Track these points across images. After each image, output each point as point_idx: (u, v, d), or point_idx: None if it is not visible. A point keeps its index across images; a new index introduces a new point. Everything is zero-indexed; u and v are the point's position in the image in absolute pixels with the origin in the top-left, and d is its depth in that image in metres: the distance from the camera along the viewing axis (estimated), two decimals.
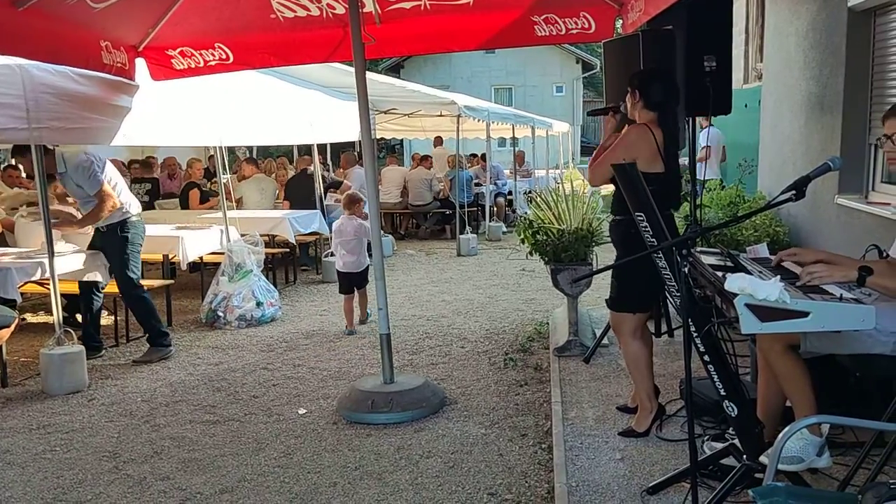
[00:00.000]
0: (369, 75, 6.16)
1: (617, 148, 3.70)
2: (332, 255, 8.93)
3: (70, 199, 6.94)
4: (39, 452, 4.10)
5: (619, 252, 3.91)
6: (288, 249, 8.83)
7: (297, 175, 10.04)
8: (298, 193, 9.66)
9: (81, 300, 5.97)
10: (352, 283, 6.59)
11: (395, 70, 28.55)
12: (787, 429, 2.20)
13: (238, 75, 6.51)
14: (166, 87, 6.01)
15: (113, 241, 5.78)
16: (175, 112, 6.38)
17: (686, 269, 2.66)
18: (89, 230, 5.98)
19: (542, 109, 23.87)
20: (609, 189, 4.07)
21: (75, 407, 4.80)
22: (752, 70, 9.19)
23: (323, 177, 9.96)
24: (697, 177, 4.98)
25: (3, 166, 9.63)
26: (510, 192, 14.45)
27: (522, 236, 5.46)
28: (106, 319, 6.77)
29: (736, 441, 2.93)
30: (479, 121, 12.03)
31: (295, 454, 3.97)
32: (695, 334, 2.73)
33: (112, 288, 6.27)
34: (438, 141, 16.12)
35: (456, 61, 29.76)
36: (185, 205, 9.51)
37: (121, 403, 4.84)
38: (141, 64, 5.81)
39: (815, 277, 2.56)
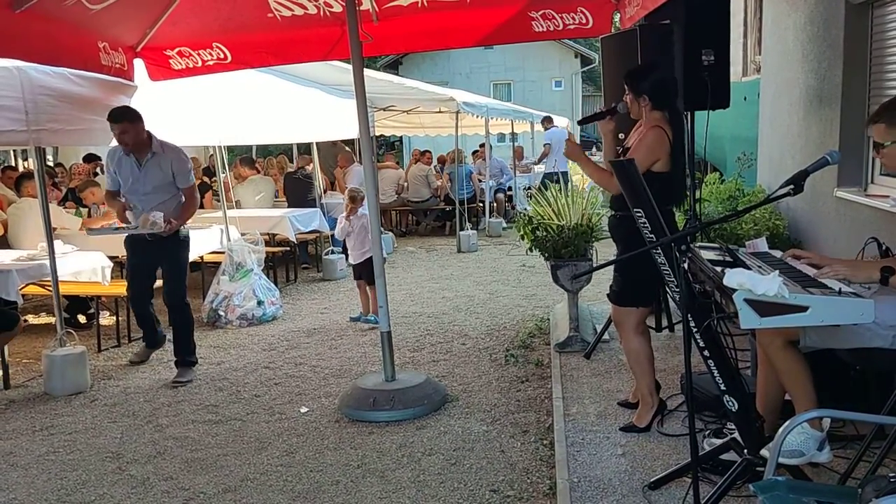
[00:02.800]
0: (367, 72, 6.16)
1: (640, 151, 3.59)
2: (333, 252, 9.00)
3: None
4: (43, 454, 4.11)
5: (621, 248, 3.91)
6: (288, 248, 8.83)
7: (293, 173, 10.02)
8: (295, 192, 9.65)
9: (175, 317, 5.50)
10: (362, 273, 6.83)
11: (393, 66, 28.46)
12: (787, 423, 2.20)
13: (236, 74, 6.51)
14: (165, 88, 6.01)
15: (176, 249, 5.45)
16: (174, 112, 6.37)
17: (685, 265, 2.67)
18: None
19: (541, 104, 23.81)
20: None
21: (78, 408, 4.81)
22: (750, 63, 9.18)
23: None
24: (550, 170, 4.98)
25: (1, 167, 9.65)
26: (510, 188, 14.45)
27: (522, 233, 5.47)
28: (107, 320, 6.79)
29: (737, 435, 2.94)
30: (478, 117, 12.02)
31: (297, 453, 3.98)
32: (694, 329, 2.74)
33: (114, 289, 6.29)
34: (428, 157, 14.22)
35: (454, 57, 29.66)
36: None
37: (123, 404, 4.86)
38: (139, 64, 5.81)
39: (839, 275, 2.56)
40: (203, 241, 7.22)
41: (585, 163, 3.89)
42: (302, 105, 8.78)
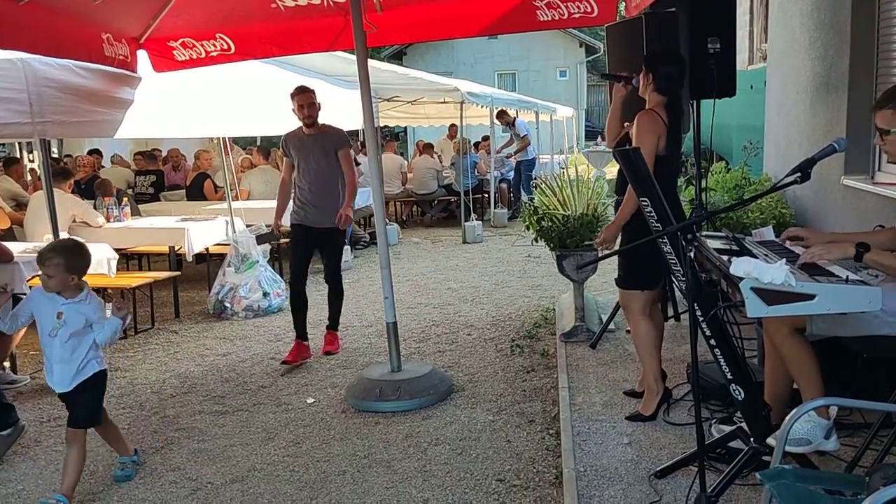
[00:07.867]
0: (372, 63, 6.13)
1: (642, 140, 3.60)
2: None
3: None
4: (50, 445, 4.13)
5: (625, 233, 3.90)
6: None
7: None
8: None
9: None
10: (79, 416, 3.49)
11: (397, 57, 28.41)
12: (794, 411, 2.20)
13: (240, 65, 6.49)
14: (169, 79, 6.00)
15: None
16: (178, 104, 6.37)
17: (691, 254, 2.66)
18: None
19: (546, 94, 23.71)
20: (614, 173, 4.07)
21: None
22: (757, 51, 9.13)
23: None
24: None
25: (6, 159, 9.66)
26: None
27: (527, 223, 5.45)
28: None
29: (743, 424, 2.94)
30: (482, 107, 11.98)
31: (304, 443, 3.99)
32: (701, 318, 2.73)
33: (120, 281, 6.30)
34: (454, 131, 14.91)
35: (459, 47, 29.58)
36: (197, 196, 9.48)
37: (131, 395, 4.88)
38: (143, 56, 5.80)
39: (815, 257, 2.57)
40: (208, 232, 7.23)
41: None
42: None
